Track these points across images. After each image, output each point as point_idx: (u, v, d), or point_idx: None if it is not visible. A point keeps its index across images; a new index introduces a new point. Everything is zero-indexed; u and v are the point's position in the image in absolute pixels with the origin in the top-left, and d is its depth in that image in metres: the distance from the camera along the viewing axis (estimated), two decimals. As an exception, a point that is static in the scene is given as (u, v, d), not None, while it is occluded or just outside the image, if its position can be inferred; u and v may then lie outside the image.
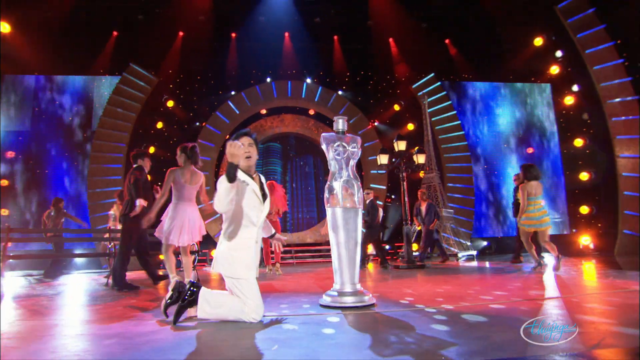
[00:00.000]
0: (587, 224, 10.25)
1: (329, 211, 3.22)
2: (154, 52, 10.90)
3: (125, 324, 2.53)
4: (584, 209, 10.35)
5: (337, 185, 3.22)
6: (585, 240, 9.88)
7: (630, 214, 9.39)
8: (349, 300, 2.97)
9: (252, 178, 2.57)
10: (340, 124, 3.42)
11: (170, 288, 2.58)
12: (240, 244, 2.49)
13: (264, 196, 2.63)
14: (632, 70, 9.88)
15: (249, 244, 2.52)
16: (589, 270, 5.67)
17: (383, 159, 7.55)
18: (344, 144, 3.28)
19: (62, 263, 7.87)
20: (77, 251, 9.29)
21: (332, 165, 3.31)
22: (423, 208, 8.38)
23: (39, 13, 9.64)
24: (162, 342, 2.02)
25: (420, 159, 7.66)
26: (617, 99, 9.81)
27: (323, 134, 3.39)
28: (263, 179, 2.72)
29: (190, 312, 2.56)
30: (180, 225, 4.14)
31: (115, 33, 10.87)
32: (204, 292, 2.54)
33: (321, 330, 2.21)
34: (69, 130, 10.30)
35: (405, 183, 7.52)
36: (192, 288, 2.53)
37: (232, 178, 2.27)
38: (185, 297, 2.50)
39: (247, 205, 2.50)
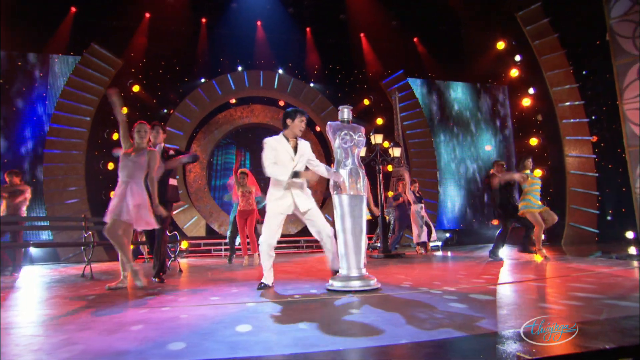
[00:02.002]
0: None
1: (335, 198, 3.29)
2: (118, 32, 10.24)
3: (137, 312, 2.44)
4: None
5: (344, 172, 3.29)
6: (538, 231, 10.75)
7: (575, 208, 10.36)
8: (356, 284, 3.07)
9: (288, 140, 3.38)
10: (345, 113, 3.49)
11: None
12: (275, 186, 3.35)
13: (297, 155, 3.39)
14: (577, 77, 10.85)
15: (280, 187, 3.32)
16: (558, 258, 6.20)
17: (361, 151, 7.70)
18: (350, 132, 3.35)
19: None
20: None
21: (338, 154, 3.37)
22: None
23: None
24: (197, 326, 1.99)
25: (396, 152, 7.92)
26: (567, 103, 10.72)
27: (330, 122, 3.44)
28: (300, 141, 3.44)
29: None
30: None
31: (73, 9, 10.06)
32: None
33: (348, 311, 2.28)
34: (21, 112, 9.42)
35: (381, 175, 7.75)
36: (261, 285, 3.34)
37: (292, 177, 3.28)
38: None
39: (282, 161, 3.31)
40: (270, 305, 2.55)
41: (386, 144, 9.86)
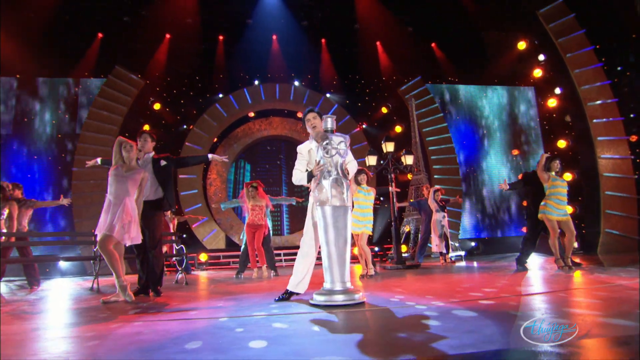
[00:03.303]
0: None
1: (318, 210, 3.21)
2: (140, 54, 10.77)
3: (106, 327, 2.46)
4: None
5: (327, 183, 3.21)
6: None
7: (611, 213, 9.61)
8: (339, 299, 2.95)
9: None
10: (329, 122, 3.41)
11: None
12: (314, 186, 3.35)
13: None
14: (610, 73, 10.15)
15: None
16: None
17: (371, 160, 7.57)
18: (332, 141, 3.27)
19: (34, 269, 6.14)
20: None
21: (321, 164, 3.30)
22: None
23: (21, 13, 9.44)
24: (149, 342, 1.97)
25: (408, 160, 7.71)
26: (598, 102, 10.05)
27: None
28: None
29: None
30: None
31: (100, 35, 10.70)
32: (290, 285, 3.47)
33: (311, 328, 2.19)
34: (52, 133, 10.08)
35: (394, 184, 7.54)
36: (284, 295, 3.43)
37: (307, 180, 3.40)
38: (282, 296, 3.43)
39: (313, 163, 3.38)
40: (240, 321, 2.49)
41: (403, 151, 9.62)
